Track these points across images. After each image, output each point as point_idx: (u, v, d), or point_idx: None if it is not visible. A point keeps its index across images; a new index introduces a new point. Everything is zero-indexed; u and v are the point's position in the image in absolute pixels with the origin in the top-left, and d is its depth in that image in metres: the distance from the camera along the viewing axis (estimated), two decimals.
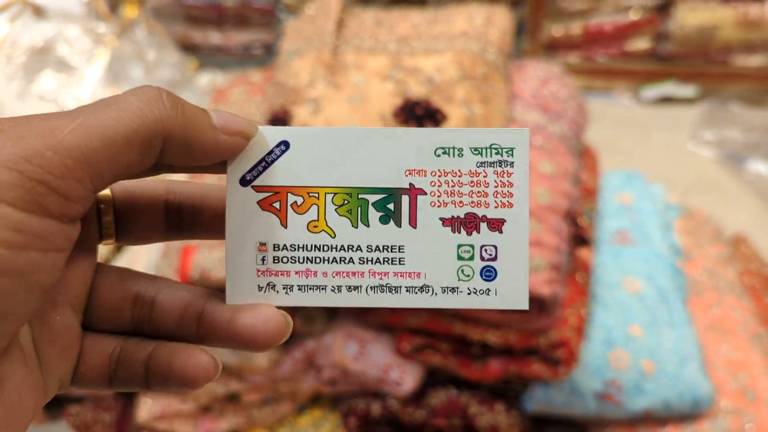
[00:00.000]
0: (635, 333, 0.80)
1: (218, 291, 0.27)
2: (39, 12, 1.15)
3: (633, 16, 1.97)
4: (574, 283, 0.81)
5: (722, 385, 0.81)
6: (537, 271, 0.69)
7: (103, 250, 0.86)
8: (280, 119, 0.79)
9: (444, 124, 0.76)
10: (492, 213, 0.26)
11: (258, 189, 0.26)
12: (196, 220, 0.28)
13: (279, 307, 0.26)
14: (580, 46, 2.04)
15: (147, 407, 0.82)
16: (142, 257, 0.85)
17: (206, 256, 0.74)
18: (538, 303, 0.71)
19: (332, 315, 0.82)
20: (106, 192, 0.27)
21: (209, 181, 0.78)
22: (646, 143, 1.72)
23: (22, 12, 1.13)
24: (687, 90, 1.96)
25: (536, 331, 0.74)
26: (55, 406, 0.86)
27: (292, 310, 0.84)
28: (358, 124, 0.76)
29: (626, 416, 0.78)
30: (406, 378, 0.78)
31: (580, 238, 0.85)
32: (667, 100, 1.96)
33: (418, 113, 0.76)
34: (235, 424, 0.83)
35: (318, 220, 0.27)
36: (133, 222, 0.27)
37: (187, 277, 0.73)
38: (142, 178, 0.27)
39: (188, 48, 1.92)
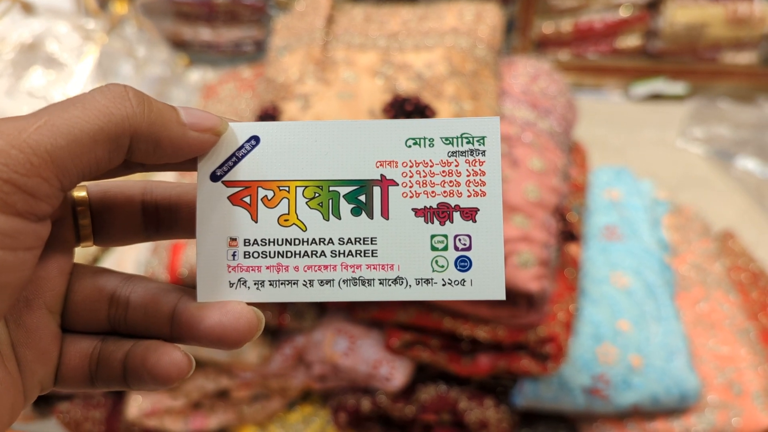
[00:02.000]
0: (623, 328, 0.81)
1: (192, 288, 0.26)
2: (28, 8, 1.14)
3: (623, 14, 1.98)
4: (562, 279, 0.81)
5: (709, 379, 0.82)
6: (526, 267, 0.70)
7: (92, 247, 0.85)
8: (269, 115, 0.79)
9: None
10: (465, 202, 0.26)
11: (228, 184, 0.26)
12: (174, 220, 0.28)
13: (251, 303, 0.26)
14: (571, 43, 2.04)
15: (137, 404, 0.82)
16: (130, 254, 0.85)
17: (196, 252, 0.74)
18: (526, 299, 0.71)
19: (322, 311, 0.82)
20: (83, 194, 0.27)
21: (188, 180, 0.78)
22: (635, 140, 1.73)
23: (11, 8, 1.12)
24: (676, 87, 1.97)
25: (525, 327, 0.74)
26: (45, 404, 0.86)
27: (282, 306, 0.84)
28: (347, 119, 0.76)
29: (614, 410, 0.79)
30: (395, 374, 0.78)
31: (569, 234, 0.85)
32: (656, 97, 1.97)
33: (407, 109, 0.76)
34: (225, 421, 0.83)
35: (289, 214, 0.26)
36: (111, 223, 0.27)
37: (176, 273, 0.73)
38: (119, 179, 0.27)
39: (178, 44, 1.92)
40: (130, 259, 0.84)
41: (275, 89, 0.83)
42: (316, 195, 0.26)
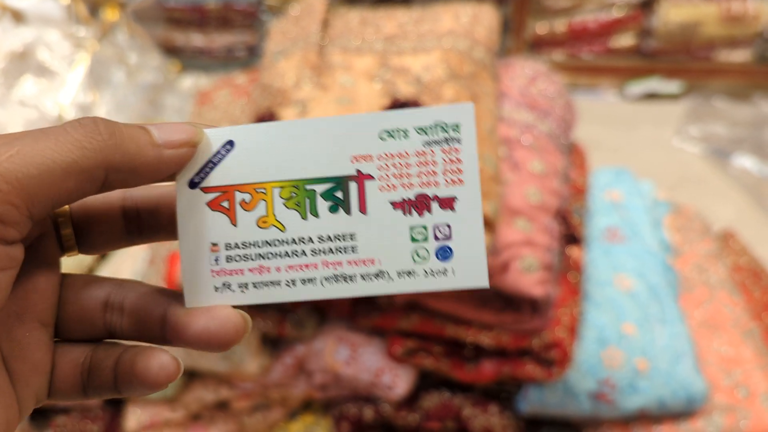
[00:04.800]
0: (628, 331, 0.80)
1: (182, 292, 0.27)
2: (18, 17, 1.13)
3: (616, 13, 1.98)
4: (566, 283, 0.81)
5: (715, 382, 0.81)
6: (530, 272, 0.69)
7: (87, 258, 0.84)
8: (266, 122, 0.78)
9: None
10: (443, 192, 0.26)
11: (206, 190, 0.26)
12: (156, 223, 0.28)
13: (238, 306, 0.26)
14: (565, 43, 2.04)
15: (135, 416, 0.81)
16: (127, 265, 0.83)
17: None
18: (530, 304, 0.70)
19: (323, 319, 0.81)
20: None
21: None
22: (632, 139, 1.72)
23: (1, 17, 1.11)
24: (671, 86, 1.97)
25: (529, 332, 0.73)
26: (41, 418, 0.84)
27: (282, 315, 0.83)
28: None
29: (621, 415, 0.78)
30: (398, 382, 0.77)
31: (571, 237, 0.84)
32: (652, 96, 1.97)
33: None
34: None
35: (267, 216, 0.26)
36: (93, 231, 0.28)
37: (174, 284, 0.72)
38: None
39: (170, 50, 1.91)
40: (127, 270, 0.82)
41: (272, 95, 0.82)
42: (293, 195, 0.26)
